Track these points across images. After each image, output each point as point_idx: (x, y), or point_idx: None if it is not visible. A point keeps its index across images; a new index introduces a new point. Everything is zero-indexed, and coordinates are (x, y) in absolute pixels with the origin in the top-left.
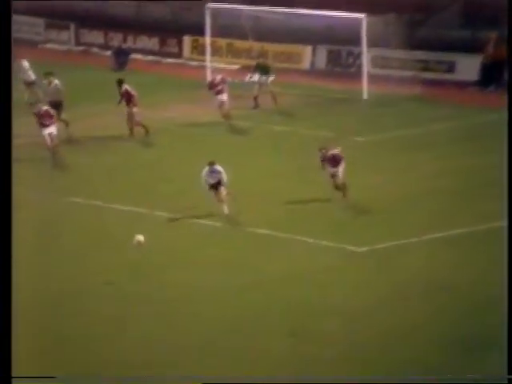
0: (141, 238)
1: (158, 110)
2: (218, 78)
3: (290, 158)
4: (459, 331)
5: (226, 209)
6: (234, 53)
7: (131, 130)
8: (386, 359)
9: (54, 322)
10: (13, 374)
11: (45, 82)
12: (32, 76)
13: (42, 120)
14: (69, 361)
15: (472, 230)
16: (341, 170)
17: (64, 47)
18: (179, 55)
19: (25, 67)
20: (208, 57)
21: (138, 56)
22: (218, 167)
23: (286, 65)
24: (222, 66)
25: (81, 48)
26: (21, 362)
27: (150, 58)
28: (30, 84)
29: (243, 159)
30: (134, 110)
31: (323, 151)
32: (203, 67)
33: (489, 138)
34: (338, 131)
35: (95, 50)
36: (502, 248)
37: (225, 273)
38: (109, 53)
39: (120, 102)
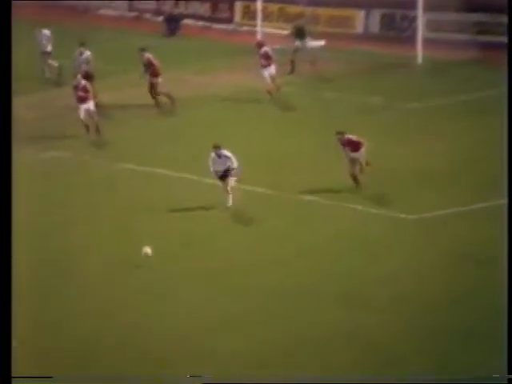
0: (148, 250)
1: (209, 75)
2: (263, 50)
3: (339, 125)
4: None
5: (230, 200)
6: (286, 18)
7: (156, 99)
8: (433, 325)
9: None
10: (13, 374)
11: (76, 52)
12: (48, 47)
13: (79, 94)
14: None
15: None
16: (358, 155)
17: (117, 13)
18: (230, 21)
19: (44, 37)
20: (259, 22)
21: (190, 22)
22: (225, 152)
23: (338, 30)
24: (273, 31)
25: (133, 14)
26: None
27: (202, 23)
28: (45, 54)
29: (292, 127)
30: (158, 80)
31: (338, 136)
32: (254, 33)
33: None
34: (390, 97)
35: (147, 15)
36: None
37: (275, 240)
38: (161, 19)
39: (144, 72)
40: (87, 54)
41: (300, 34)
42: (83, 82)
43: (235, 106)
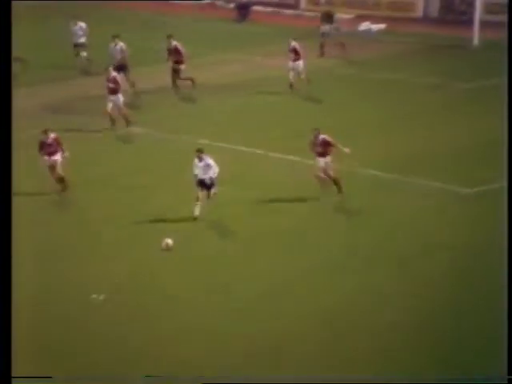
0: (170, 241)
1: (276, 58)
2: (292, 44)
3: (397, 105)
4: None
5: (197, 210)
6: (349, 3)
7: (175, 84)
8: (491, 289)
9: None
10: (13, 374)
11: (111, 44)
12: (82, 38)
13: (109, 85)
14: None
15: None
16: (329, 160)
17: (192, 1)
18: (296, 7)
19: (79, 29)
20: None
21: (259, 8)
22: (208, 159)
23: (399, 13)
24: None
25: (207, 1)
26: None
27: (270, 9)
28: (78, 46)
29: (352, 103)
30: (181, 66)
31: (315, 133)
32: (318, 18)
33: None
34: (445, 77)
35: (220, 3)
36: None
37: (338, 207)
38: (232, 5)
39: (168, 59)
40: (121, 44)
41: (328, 19)
42: (113, 73)
43: (295, 85)
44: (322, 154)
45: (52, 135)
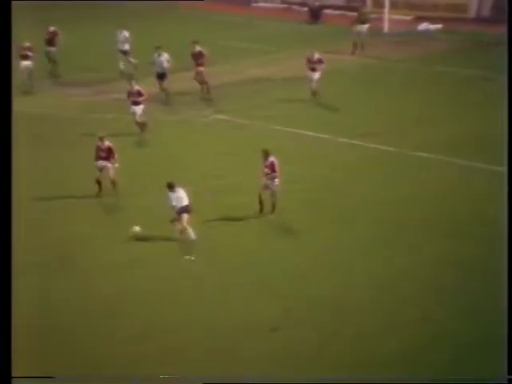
0: (137, 228)
1: (336, 54)
2: (316, 56)
3: (446, 92)
4: None
5: (192, 234)
6: (409, 6)
7: (202, 85)
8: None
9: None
10: (13, 374)
11: (155, 54)
12: (125, 46)
13: (132, 98)
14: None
15: None
16: (276, 183)
17: (270, 5)
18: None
19: (123, 37)
20: (387, 9)
21: (329, 11)
22: (179, 192)
23: (454, 14)
24: (397, 17)
25: (284, 6)
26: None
27: (339, 12)
28: (123, 53)
29: (405, 93)
30: (201, 69)
31: (264, 154)
32: (382, 19)
33: None
34: (492, 71)
35: (295, 7)
36: None
37: (386, 187)
38: (305, 9)
39: (194, 61)
40: (165, 55)
41: (363, 19)
42: (136, 87)
43: (358, 78)
44: (269, 177)
45: (107, 142)
